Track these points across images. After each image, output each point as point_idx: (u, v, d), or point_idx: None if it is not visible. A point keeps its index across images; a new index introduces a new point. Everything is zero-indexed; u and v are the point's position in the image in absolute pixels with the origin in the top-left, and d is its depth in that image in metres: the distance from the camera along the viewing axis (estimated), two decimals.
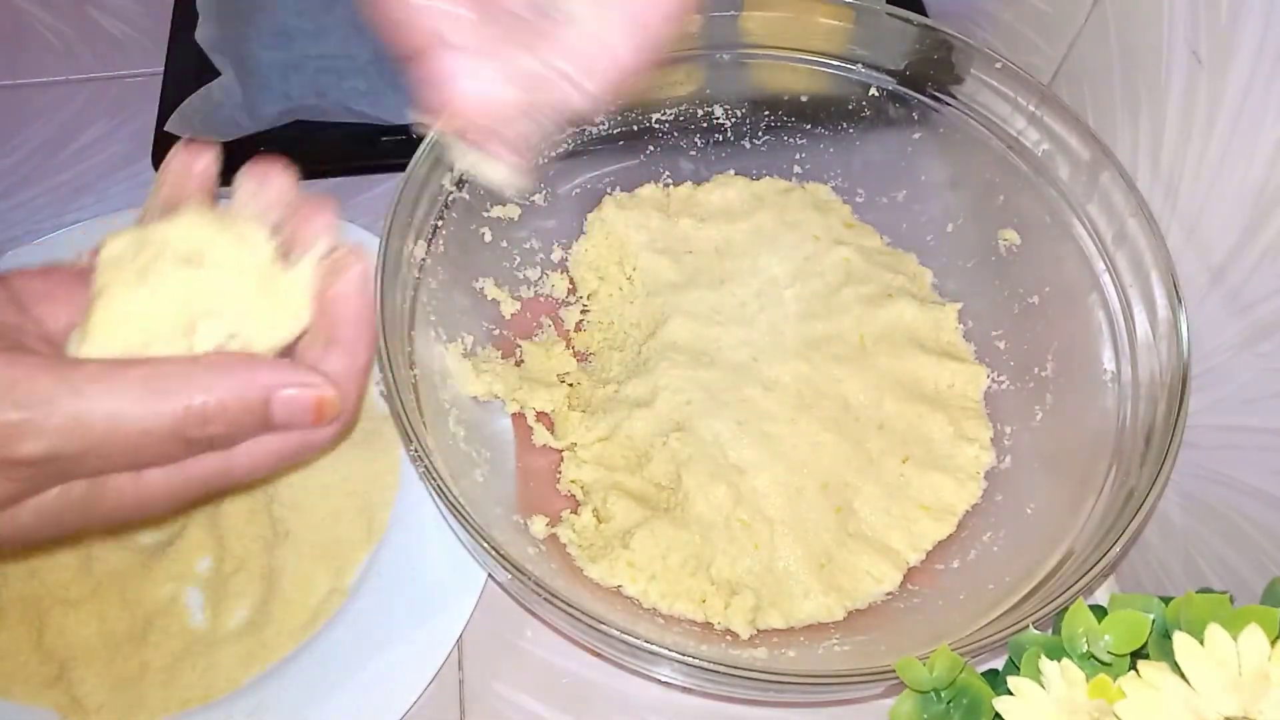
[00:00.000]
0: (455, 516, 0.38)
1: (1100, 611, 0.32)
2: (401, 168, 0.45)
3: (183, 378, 0.28)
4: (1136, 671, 0.28)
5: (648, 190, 0.54)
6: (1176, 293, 0.41)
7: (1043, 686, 0.30)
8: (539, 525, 0.44)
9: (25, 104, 0.62)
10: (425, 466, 0.38)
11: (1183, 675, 0.27)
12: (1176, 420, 0.39)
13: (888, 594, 0.44)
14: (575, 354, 0.51)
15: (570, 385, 0.50)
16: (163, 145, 0.56)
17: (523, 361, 0.50)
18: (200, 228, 0.31)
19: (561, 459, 0.48)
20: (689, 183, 0.55)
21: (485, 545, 0.37)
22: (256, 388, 0.29)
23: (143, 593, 0.45)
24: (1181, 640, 0.28)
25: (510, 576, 0.37)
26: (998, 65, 0.48)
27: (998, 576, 0.42)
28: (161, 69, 0.60)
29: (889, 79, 0.51)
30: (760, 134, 0.54)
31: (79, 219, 0.54)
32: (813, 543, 0.45)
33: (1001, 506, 0.46)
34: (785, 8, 0.51)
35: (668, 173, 0.55)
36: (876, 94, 0.52)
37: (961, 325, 0.51)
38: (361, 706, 0.42)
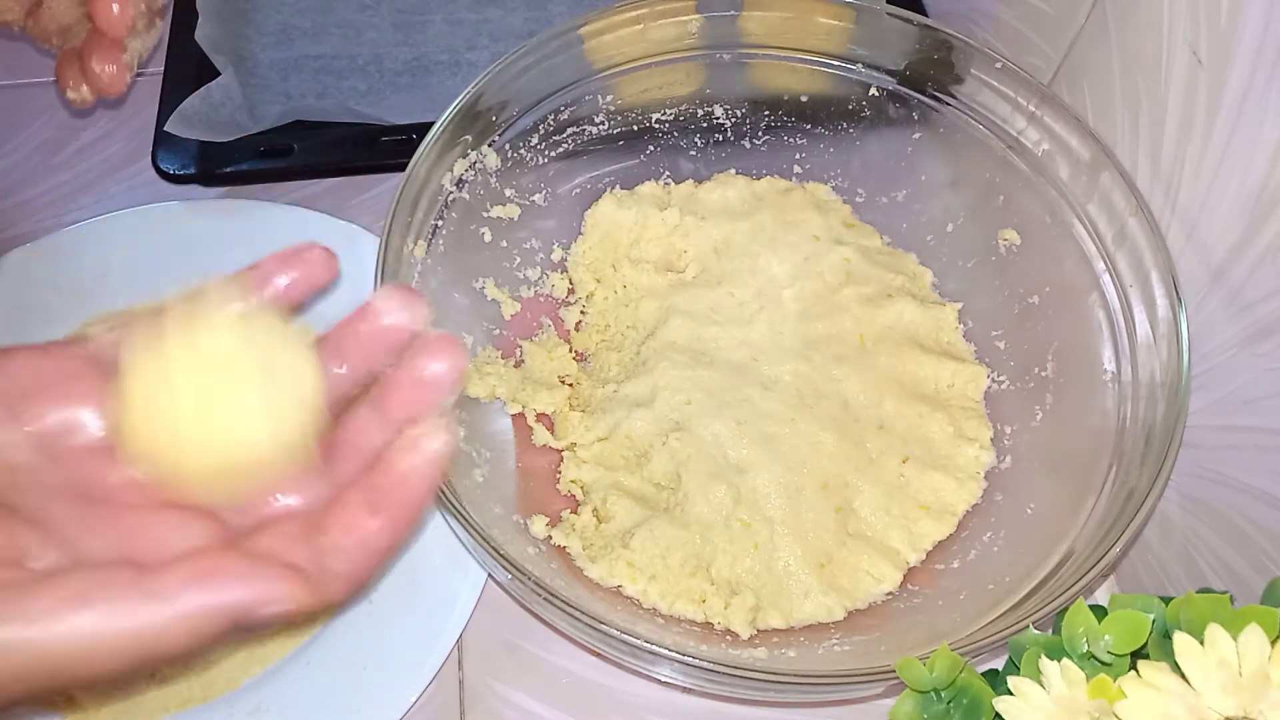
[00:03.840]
0: (455, 516, 0.38)
1: (1100, 611, 0.32)
2: (401, 168, 0.45)
3: (137, 608, 0.24)
4: (1136, 671, 0.28)
5: (648, 187, 0.54)
6: (1176, 293, 0.41)
7: (1043, 686, 0.30)
8: (539, 525, 0.44)
9: (25, 104, 0.62)
10: None
11: (1183, 675, 0.27)
12: (1176, 420, 0.39)
13: (888, 594, 0.44)
14: (575, 354, 0.51)
15: (570, 386, 0.50)
16: (163, 145, 0.56)
17: (523, 362, 0.50)
18: (225, 324, 0.28)
19: (561, 459, 0.48)
20: (690, 181, 0.55)
21: (485, 545, 0.37)
22: (223, 613, 0.25)
23: None
24: (1181, 640, 0.28)
25: (510, 576, 0.37)
26: (998, 65, 0.48)
27: (998, 576, 0.42)
28: (161, 69, 0.60)
29: (889, 79, 0.51)
30: (760, 134, 0.54)
31: (79, 219, 0.54)
32: (813, 543, 0.45)
33: (1001, 506, 0.46)
34: (785, 8, 0.51)
35: (668, 173, 0.55)
36: (876, 94, 0.52)
37: (961, 325, 0.51)
38: (361, 706, 0.42)
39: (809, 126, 0.54)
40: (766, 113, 0.54)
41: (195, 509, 0.27)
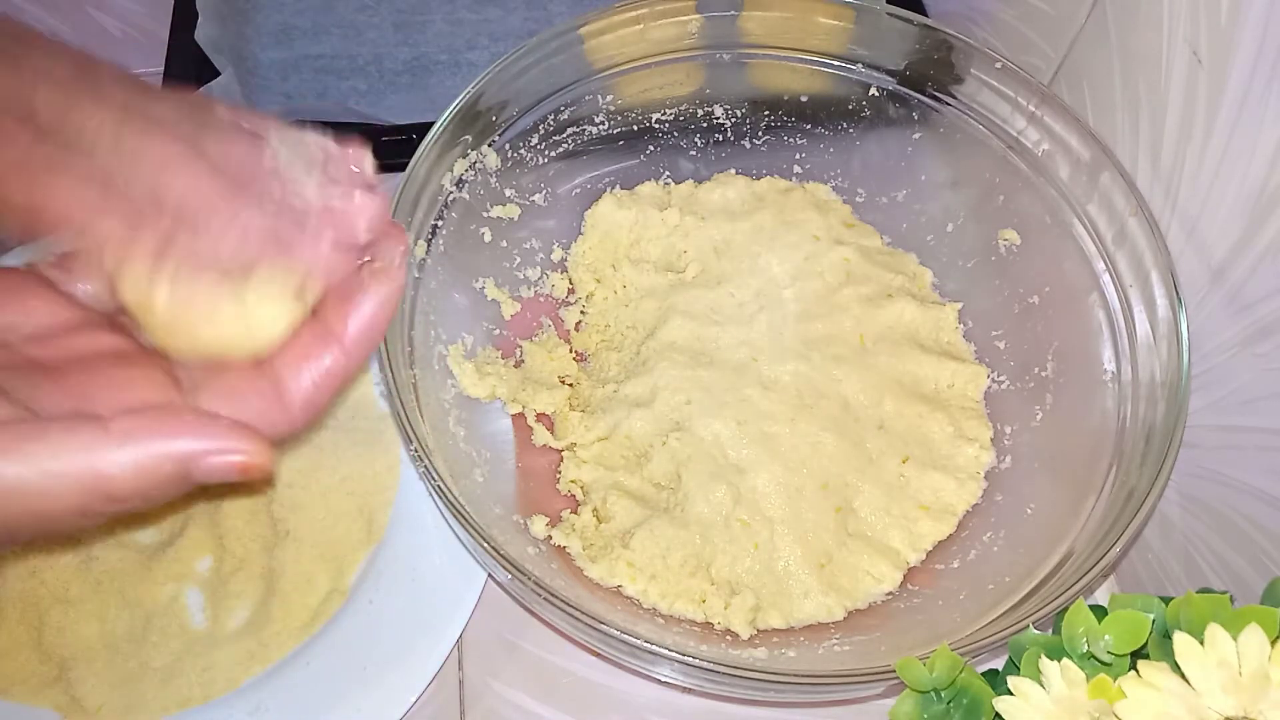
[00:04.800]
0: (455, 516, 0.38)
1: (1100, 611, 0.32)
2: (401, 168, 0.45)
3: (89, 448, 0.25)
4: (1136, 671, 0.28)
5: (648, 188, 0.54)
6: (1176, 293, 0.41)
7: (1043, 686, 0.30)
8: (539, 525, 0.44)
9: None
10: (425, 466, 0.38)
11: (1183, 675, 0.27)
12: (1176, 420, 0.39)
13: (888, 594, 0.44)
14: (575, 354, 0.51)
15: (570, 386, 0.50)
16: None
17: (523, 362, 0.50)
18: None
19: (561, 459, 0.48)
20: (690, 181, 0.55)
21: (485, 545, 0.37)
22: (173, 459, 0.26)
23: (143, 593, 0.45)
24: (1181, 640, 0.28)
25: (510, 576, 0.37)
26: (998, 65, 0.48)
27: (998, 576, 0.42)
28: (161, 69, 0.60)
29: (889, 79, 0.51)
30: (760, 134, 0.54)
31: None
32: (813, 542, 0.45)
33: (1001, 506, 0.46)
34: (785, 8, 0.51)
35: (668, 173, 0.55)
36: (876, 94, 0.52)
37: (961, 325, 0.51)
38: (361, 706, 0.42)
39: (809, 126, 0.54)
40: (766, 113, 0.54)
41: (148, 366, 0.28)
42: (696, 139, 0.54)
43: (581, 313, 0.53)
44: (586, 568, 0.44)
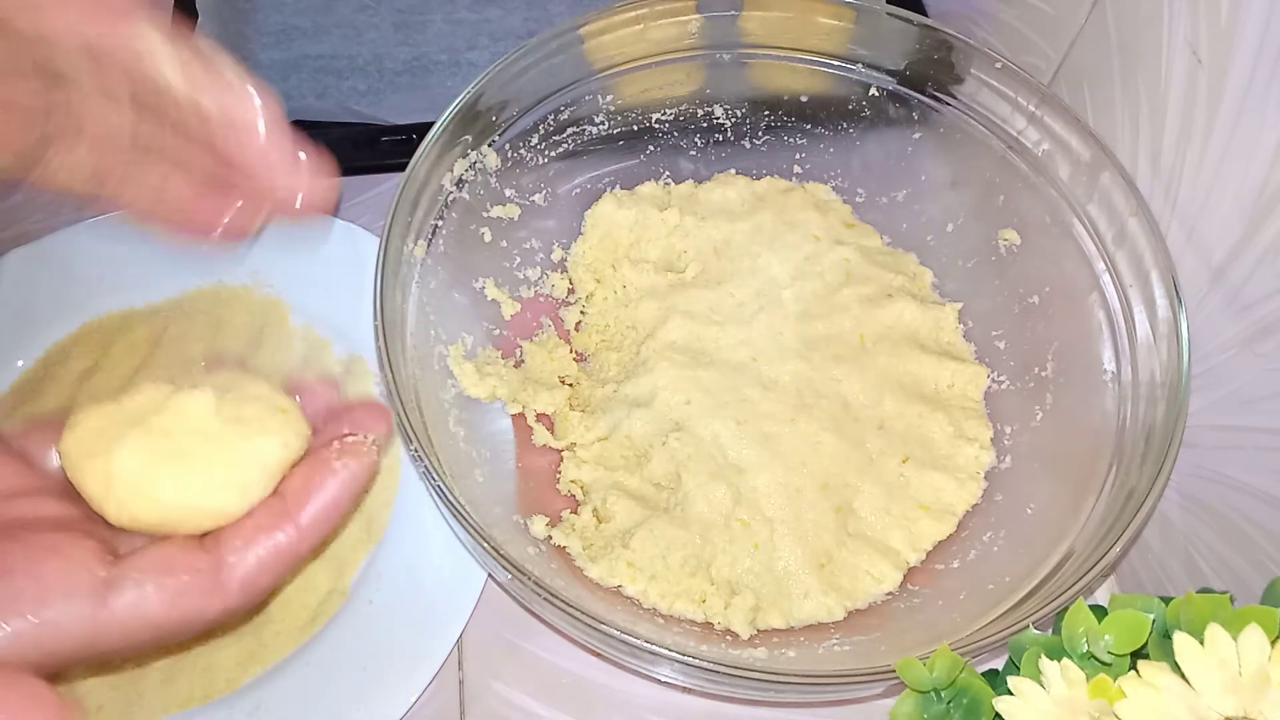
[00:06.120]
0: (455, 516, 0.38)
1: (1100, 611, 0.32)
2: (401, 168, 0.45)
3: None
4: (1136, 671, 0.28)
5: (648, 187, 0.54)
6: (1176, 293, 0.41)
7: (1043, 686, 0.30)
8: (539, 525, 0.44)
9: None
10: (425, 466, 0.38)
11: (1183, 675, 0.27)
12: (1176, 420, 0.39)
13: (888, 594, 0.44)
14: (575, 354, 0.51)
15: (570, 386, 0.50)
16: None
17: (523, 362, 0.50)
18: (159, 395, 0.31)
19: (561, 459, 0.48)
20: (690, 181, 0.55)
21: (485, 545, 0.37)
22: None
23: None
24: (1181, 640, 0.28)
25: (510, 576, 0.37)
26: (998, 65, 0.48)
27: (998, 576, 0.42)
28: None
29: (889, 79, 0.51)
30: (760, 134, 0.54)
31: (79, 219, 0.54)
32: (813, 543, 0.45)
33: (1001, 506, 0.46)
34: (785, 8, 0.51)
35: (668, 173, 0.55)
36: (876, 94, 0.52)
37: (961, 325, 0.51)
38: (361, 706, 0.42)
39: (809, 126, 0.54)
40: (766, 113, 0.54)
41: (83, 535, 0.28)
42: (696, 139, 0.54)
43: (581, 313, 0.53)
44: (586, 568, 0.44)
